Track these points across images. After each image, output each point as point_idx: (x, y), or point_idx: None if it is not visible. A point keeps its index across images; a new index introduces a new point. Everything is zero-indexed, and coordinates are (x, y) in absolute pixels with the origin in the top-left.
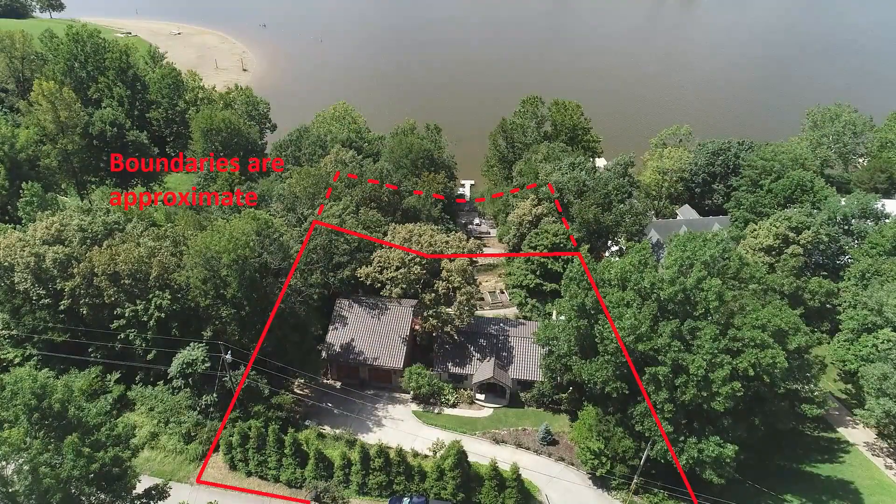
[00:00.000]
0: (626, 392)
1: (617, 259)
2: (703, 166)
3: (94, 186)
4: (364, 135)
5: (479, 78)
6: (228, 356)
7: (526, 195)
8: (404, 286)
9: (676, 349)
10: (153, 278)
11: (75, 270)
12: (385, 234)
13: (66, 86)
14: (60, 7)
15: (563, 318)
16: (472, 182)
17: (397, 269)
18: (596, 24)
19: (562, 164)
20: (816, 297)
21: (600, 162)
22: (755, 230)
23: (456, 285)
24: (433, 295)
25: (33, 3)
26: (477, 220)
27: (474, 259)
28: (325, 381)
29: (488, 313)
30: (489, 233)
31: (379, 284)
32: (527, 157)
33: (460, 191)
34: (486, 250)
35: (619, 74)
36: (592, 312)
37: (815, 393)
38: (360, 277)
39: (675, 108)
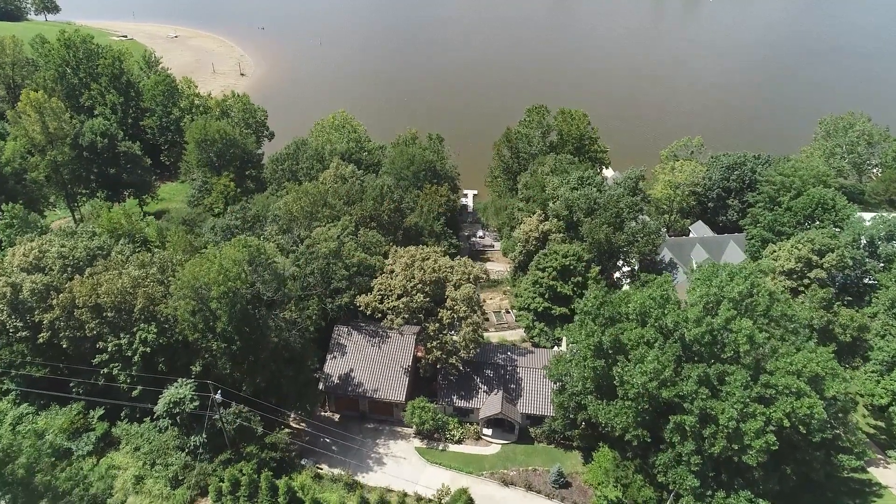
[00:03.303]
0: (649, 440)
1: (630, 283)
2: (717, 181)
3: (84, 199)
4: (364, 144)
5: (479, 79)
6: (218, 396)
7: (532, 209)
8: (406, 316)
9: (704, 396)
10: (138, 310)
11: (55, 302)
12: (386, 255)
13: (56, 94)
14: (56, 10)
15: (573, 346)
16: (475, 192)
17: (399, 297)
18: (597, 25)
19: (570, 177)
20: (848, 332)
21: (608, 172)
22: (775, 251)
23: (462, 315)
24: (437, 325)
25: (28, 6)
26: (480, 233)
27: (480, 279)
28: (322, 413)
29: (493, 335)
30: (493, 246)
31: (379, 314)
32: (532, 169)
33: (463, 201)
34: (489, 265)
35: (622, 76)
36: (610, 352)
37: (854, 439)
38: (360, 307)
39: (680, 112)
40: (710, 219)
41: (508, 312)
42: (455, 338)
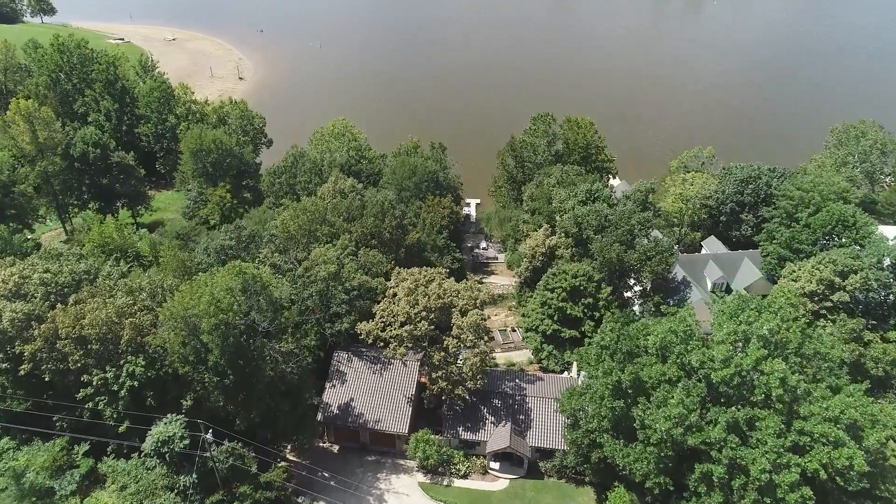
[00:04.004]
0: (672, 488)
1: (642, 303)
2: (730, 195)
3: (76, 210)
4: (365, 153)
5: (479, 78)
6: (209, 436)
7: (538, 222)
8: (410, 345)
9: (734, 445)
10: (124, 342)
11: (36, 332)
12: (388, 275)
13: (48, 101)
14: (52, 11)
15: (588, 380)
16: (478, 200)
17: (402, 325)
18: (597, 25)
19: (577, 189)
20: (881, 365)
21: (614, 182)
22: (794, 272)
23: (469, 345)
24: (442, 354)
25: (24, 8)
26: (484, 244)
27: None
28: (321, 444)
29: (499, 356)
30: (497, 258)
31: (381, 343)
32: (538, 180)
33: (465, 210)
34: (493, 278)
35: (622, 76)
36: (630, 392)
37: (894, 489)
38: (361, 335)
39: (679, 113)
40: (722, 233)
41: (514, 331)
42: (462, 367)
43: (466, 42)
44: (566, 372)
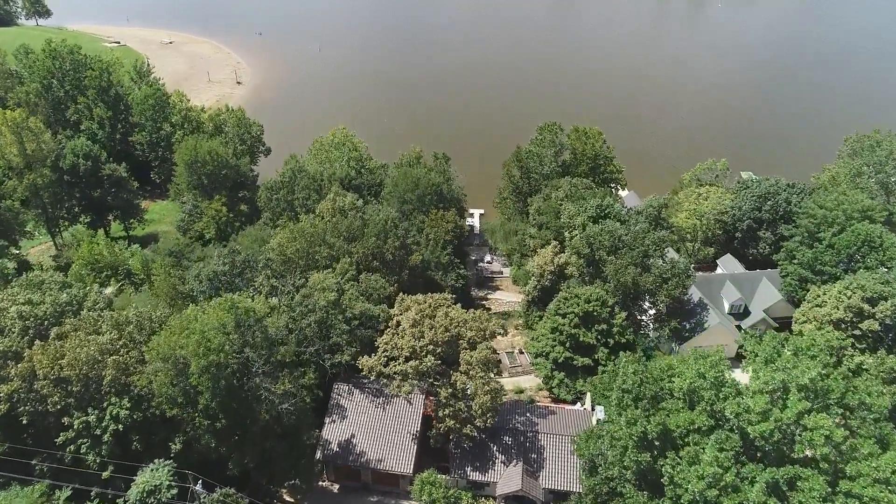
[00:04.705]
0: None
1: (657, 328)
2: (747, 211)
3: (66, 223)
4: (366, 163)
5: (479, 78)
6: (199, 487)
7: (546, 238)
8: (415, 381)
9: None
10: (107, 383)
11: (13, 371)
12: (390, 300)
13: (40, 109)
14: (47, 14)
15: (608, 425)
16: (482, 211)
17: (407, 360)
18: (598, 27)
19: (587, 204)
20: None
21: (622, 193)
22: (819, 296)
23: (478, 382)
24: (450, 390)
25: (18, 10)
26: (488, 258)
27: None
28: (320, 483)
29: (506, 381)
30: (502, 272)
31: (385, 379)
32: (546, 193)
33: (469, 221)
34: (499, 293)
35: (622, 76)
36: (657, 443)
37: None
38: (362, 371)
39: (679, 114)
40: (736, 250)
41: (522, 353)
42: (471, 405)
43: (466, 42)
44: (579, 403)
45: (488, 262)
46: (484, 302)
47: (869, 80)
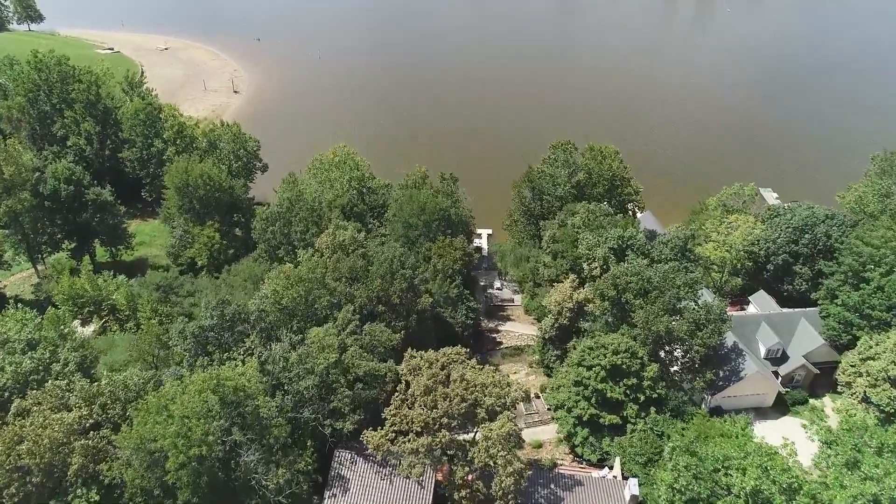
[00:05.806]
0: None
1: (691, 380)
2: (783, 245)
3: (48, 250)
4: (368, 182)
5: (481, 85)
6: None
7: (563, 267)
8: (427, 462)
9: None
10: (73, 472)
11: None
12: (397, 352)
13: (23, 124)
14: (40, 19)
15: (636, 485)
16: (490, 231)
17: (419, 435)
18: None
19: (608, 234)
20: None
21: (639, 215)
22: (871, 348)
23: (500, 462)
24: (466, 468)
25: (10, 15)
26: (498, 284)
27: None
28: None
29: (522, 433)
30: (513, 300)
31: (393, 458)
32: (561, 219)
33: (477, 242)
34: (510, 324)
35: (627, 82)
36: None
37: None
38: (368, 447)
39: (681, 118)
40: (768, 283)
41: (538, 397)
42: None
43: (470, 49)
44: (606, 468)
45: (498, 289)
46: (494, 335)
47: (875, 87)
